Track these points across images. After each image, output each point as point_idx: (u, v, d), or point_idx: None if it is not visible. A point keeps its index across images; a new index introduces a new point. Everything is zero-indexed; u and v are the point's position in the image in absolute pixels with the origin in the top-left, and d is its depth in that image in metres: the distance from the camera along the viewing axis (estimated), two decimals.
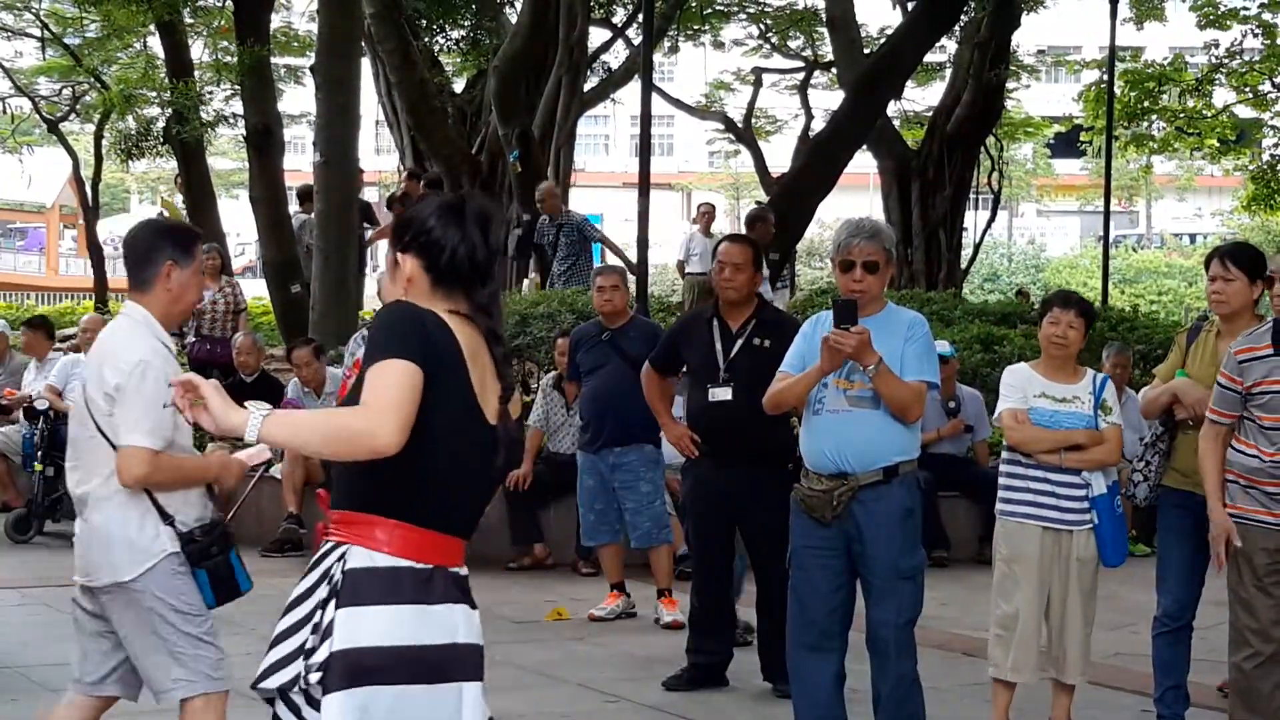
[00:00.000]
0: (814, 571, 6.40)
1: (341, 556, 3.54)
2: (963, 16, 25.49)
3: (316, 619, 3.51)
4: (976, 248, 31.80)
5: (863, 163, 28.44)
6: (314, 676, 3.45)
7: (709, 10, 31.47)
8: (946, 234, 26.40)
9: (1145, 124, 30.37)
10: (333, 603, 3.50)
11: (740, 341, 8.03)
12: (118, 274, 41.36)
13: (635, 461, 9.95)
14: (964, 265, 29.18)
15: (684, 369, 8.54)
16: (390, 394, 3.44)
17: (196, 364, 15.91)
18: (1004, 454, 7.04)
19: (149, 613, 5.14)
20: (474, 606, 3.72)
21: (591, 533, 10.29)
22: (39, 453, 12.63)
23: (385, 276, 3.76)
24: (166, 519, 5.17)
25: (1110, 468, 6.93)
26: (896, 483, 6.32)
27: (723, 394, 8.00)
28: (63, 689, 7.76)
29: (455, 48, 27.74)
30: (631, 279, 12.13)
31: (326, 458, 3.54)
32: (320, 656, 3.46)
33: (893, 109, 27.65)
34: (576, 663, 8.83)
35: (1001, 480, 7.03)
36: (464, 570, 3.71)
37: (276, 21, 27.20)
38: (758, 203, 31.37)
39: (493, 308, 3.73)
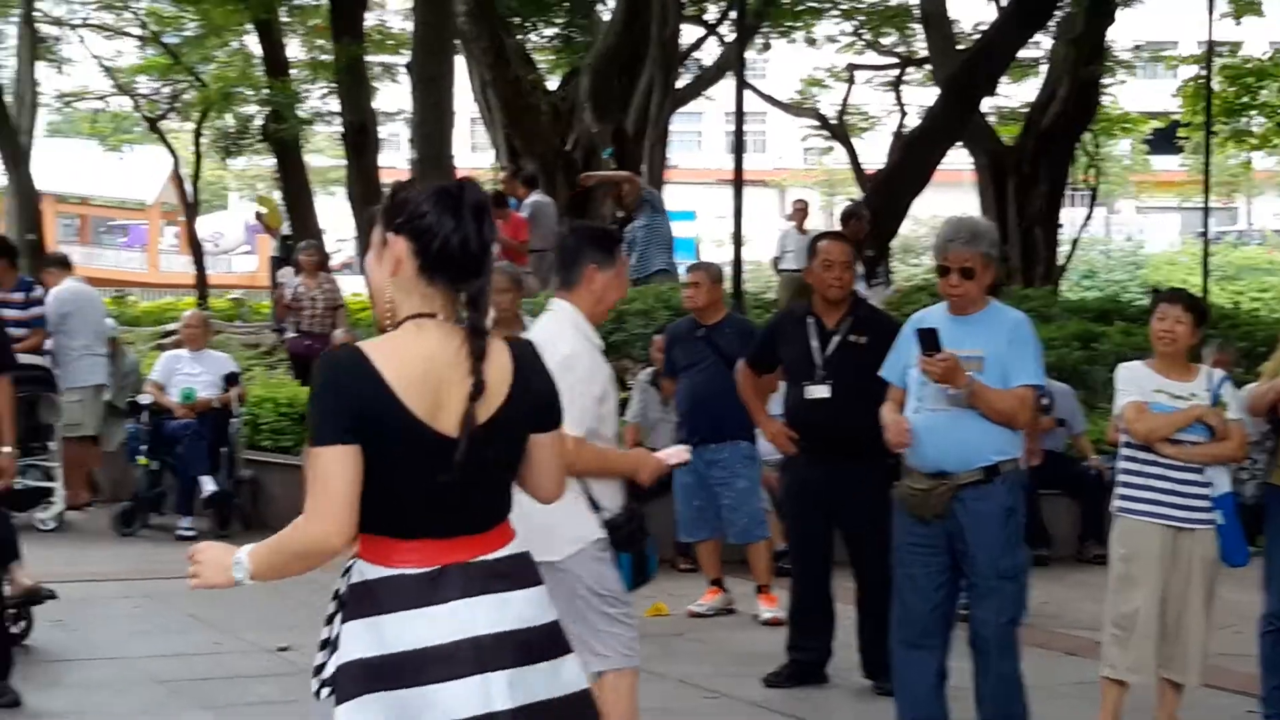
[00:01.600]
0: (915, 569, 6.40)
1: (347, 571, 3.56)
2: (1057, 12, 25.28)
3: (329, 631, 3.54)
4: (1074, 244, 31.51)
5: (958, 159, 28.26)
6: (324, 691, 3.47)
7: (802, 7, 31.35)
8: (1043, 231, 26.19)
9: (1244, 119, 29.96)
10: (339, 616, 3.52)
11: (837, 339, 8.02)
12: (217, 270, 41.94)
13: (730, 458, 9.95)
14: (1061, 262, 28.93)
15: (780, 366, 8.54)
16: (330, 490, 3.39)
17: (295, 359, 16.09)
18: (1122, 451, 6.94)
19: (571, 593, 5.45)
20: (515, 588, 3.56)
21: (689, 528, 10.30)
22: (143, 447, 12.78)
23: (371, 255, 3.62)
24: (596, 507, 5.58)
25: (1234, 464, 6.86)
26: (998, 481, 6.30)
27: (820, 391, 8.01)
28: (170, 679, 7.97)
29: (548, 45, 27.82)
30: (726, 276, 12.13)
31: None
32: (329, 671, 3.48)
33: (987, 105, 27.46)
34: (676, 658, 8.84)
35: (1120, 478, 6.93)
36: (494, 555, 3.56)
37: (371, 20, 27.39)
38: (852, 199, 31.25)
39: (480, 301, 3.54)
